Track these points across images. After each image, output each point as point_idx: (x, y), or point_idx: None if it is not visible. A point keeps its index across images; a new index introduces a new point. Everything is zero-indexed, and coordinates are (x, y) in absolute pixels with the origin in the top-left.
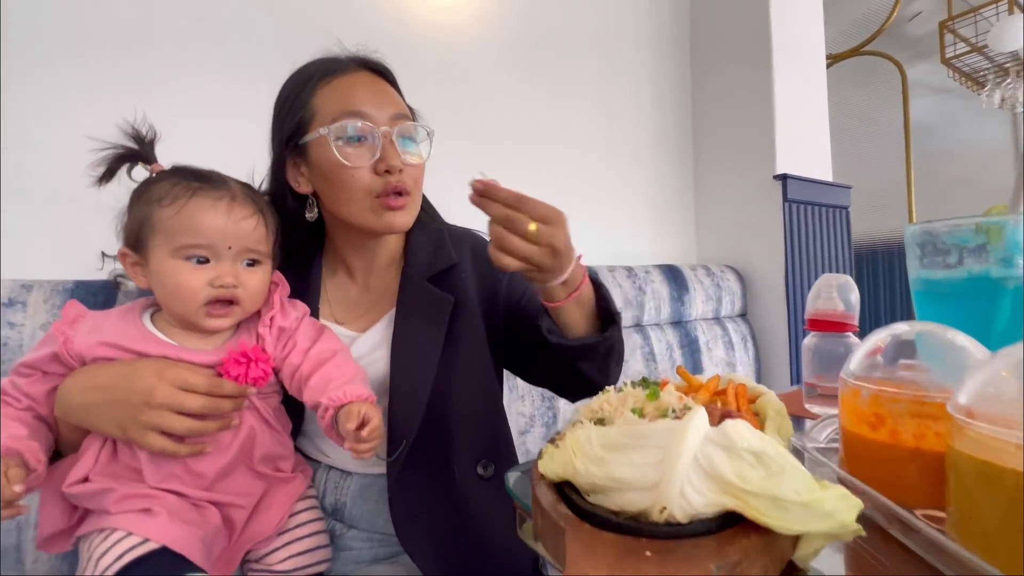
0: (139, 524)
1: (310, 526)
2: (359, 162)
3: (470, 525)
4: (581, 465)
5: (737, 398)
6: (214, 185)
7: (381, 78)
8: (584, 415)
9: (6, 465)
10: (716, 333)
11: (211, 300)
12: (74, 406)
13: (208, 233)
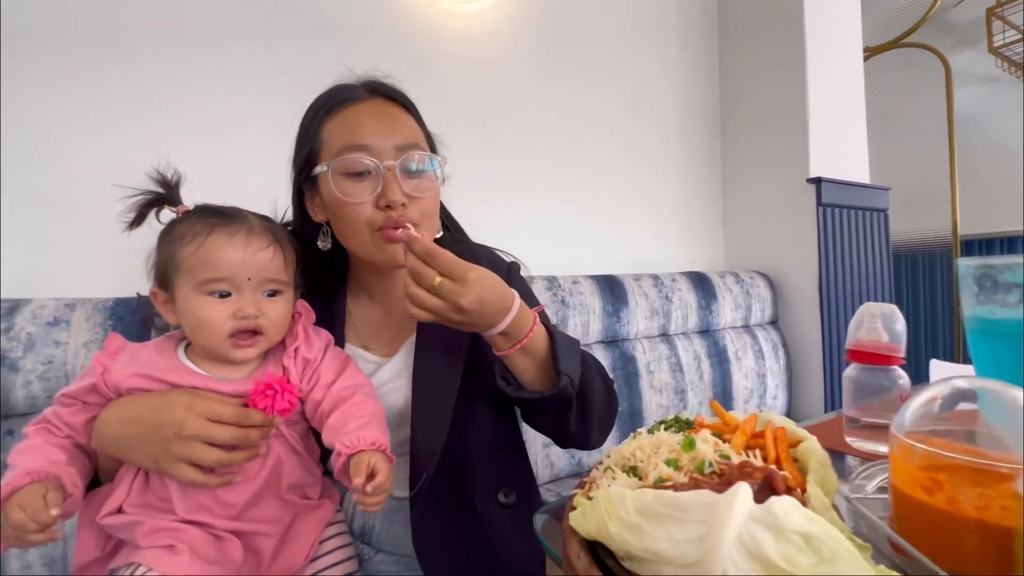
0: (163, 562)
1: (339, 552)
2: (360, 197)
3: (492, 553)
4: (616, 530)
5: (776, 444)
6: (231, 220)
7: (394, 104)
8: (614, 460)
9: (44, 488)
10: (745, 342)
11: (235, 332)
12: (109, 438)
13: (226, 267)
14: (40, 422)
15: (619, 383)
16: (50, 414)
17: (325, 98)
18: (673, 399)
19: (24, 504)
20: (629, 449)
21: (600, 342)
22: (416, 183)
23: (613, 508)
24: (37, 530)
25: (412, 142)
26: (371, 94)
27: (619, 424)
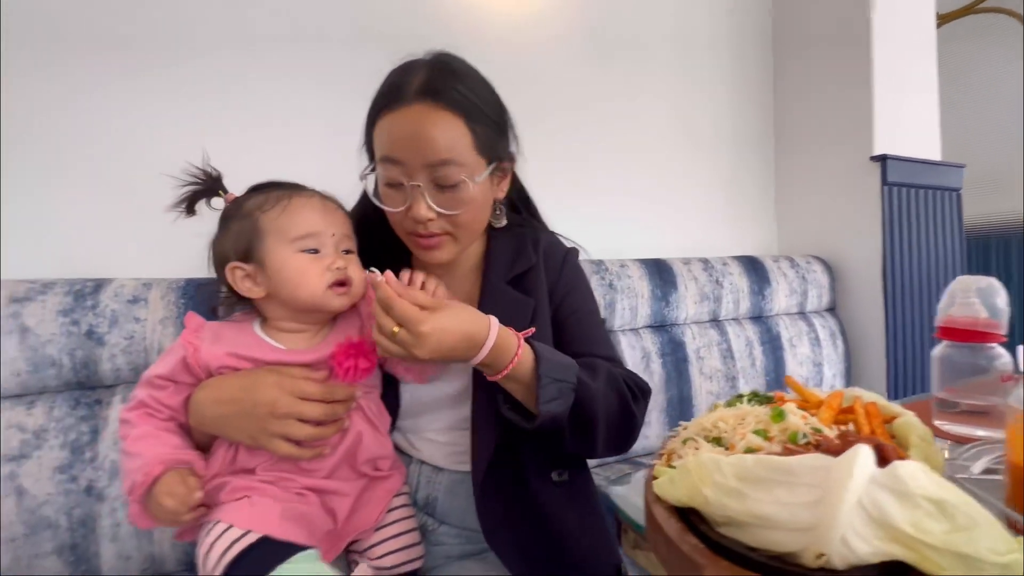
0: (240, 515)
1: (405, 523)
2: (394, 205)
3: (550, 529)
4: (712, 495)
5: (870, 418)
6: (301, 189)
7: (440, 109)
8: (694, 431)
9: (180, 475)
10: (801, 329)
11: (332, 283)
12: (208, 418)
13: (314, 224)
14: (138, 406)
15: (668, 368)
16: (147, 398)
17: (380, 94)
18: (724, 386)
19: (171, 493)
20: (710, 420)
21: (648, 327)
22: (448, 197)
23: (707, 474)
24: (187, 513)
25: (446, 158)
26: (419, 96)
27: (668, 410)
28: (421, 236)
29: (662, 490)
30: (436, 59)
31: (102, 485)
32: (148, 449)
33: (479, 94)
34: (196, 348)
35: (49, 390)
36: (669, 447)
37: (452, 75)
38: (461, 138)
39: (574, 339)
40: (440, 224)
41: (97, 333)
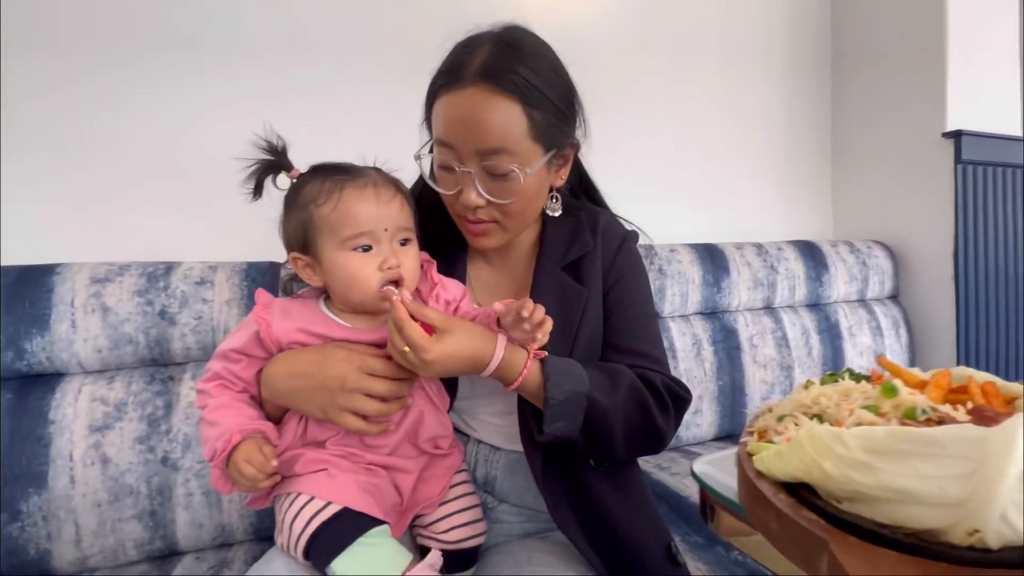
0: (321, 488)
1: (467, 499)
2: (447, 188)
3: (599, 510)
4: (834, 469)
5: (988, 399)
6: (355, 175)
7: (498, 93)
8: (791, 408)
9: (256, 444)
10: (861, 317)
11: (383, 283)
12: (280, 391)
13: (365, 220)
14: (213, 378)
15: (720, 356)
16: (222, 370)
17: (444, 68)
18: (778, 375)
19: (250, 460)
20: (809, 397)
21: (699, 313)
22: (499, 186)
23: (826, 447)
24: (264, 479)
25: (497, 147)
26: (477, 78)
27: (720, 399)
28: (470, 221)
29: (767, 465)
30: (501, 36)
31: (176, 456)
32: (226, 418)
33: (543, 76)
34: (268, 323)
35: (127, 366)
36: (760, 425)
37: (515, 55)
38: (516, 125)
39: (618, 331)
40: (489, 211)
41: (169, 313)
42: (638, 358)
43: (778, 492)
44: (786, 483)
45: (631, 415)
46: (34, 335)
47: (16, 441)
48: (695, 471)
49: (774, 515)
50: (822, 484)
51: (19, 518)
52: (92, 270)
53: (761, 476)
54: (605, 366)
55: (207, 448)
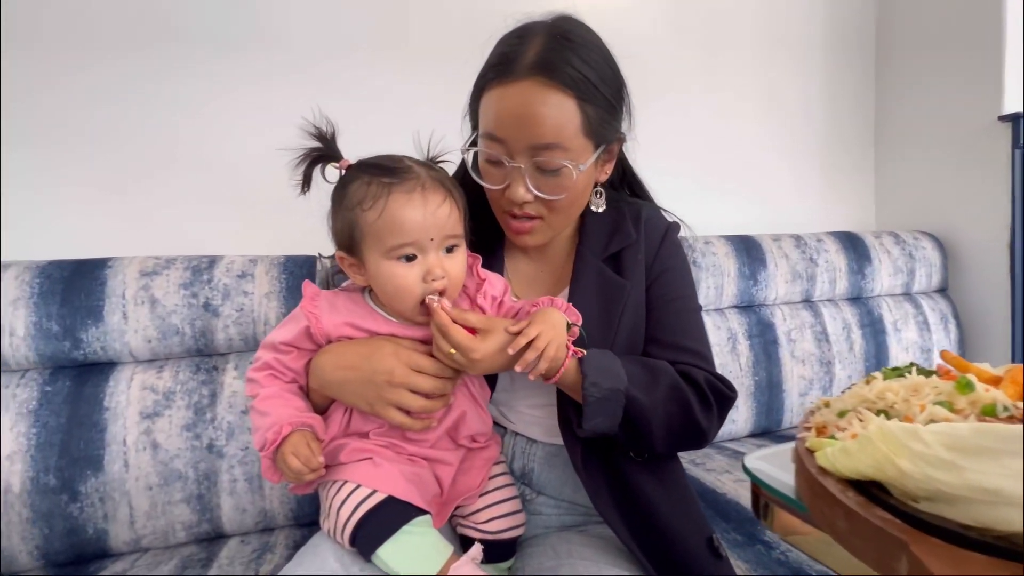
0: (367, 476)
1: (506, 490)
2: (493, 183)
3: (639, 502)
4: (911, 467)
5: None
6: (404, 177)
7: (552, 88)
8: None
9: (305, 437)
10: (907, 311)
11: (425, 294)
12: (328, 382)
13: (411, 230)
14: (264, 367)
15: (756, 351)
16: (272, 361)
17: (490, 63)
18: (818, 371)
19: (296, 453)
20: (873, 392)
21: (734, 307)
22: (549, 181)
23: (901, 444)
24: (309, 473)
25: (551, 142)
26: (531, 71)
27: (756, 395)
28: (515, 217)
29: (832, 461)
30: (554, 27)
31: (221, 444)
32: (276, 409)
33: (597, 69)
34: (317, 318)
35: (174, 356)
36: (819, 420)
37: (569, 47)
38: (570, 120)
39: (660, 325)
40: (536, 207)
41: (212, 305)
42: (681, 353)
43: (846, 490)
44: (852, 480)
45: (671, 412)
46: (89, 325)
47: (74, 426)
48: (748, 467)
49: (842, 514)
50: (897, 482)
51: (78, 499)
52: (141, 263)
53: (825, 473)
54: (646, 362)
55: (257, 437)
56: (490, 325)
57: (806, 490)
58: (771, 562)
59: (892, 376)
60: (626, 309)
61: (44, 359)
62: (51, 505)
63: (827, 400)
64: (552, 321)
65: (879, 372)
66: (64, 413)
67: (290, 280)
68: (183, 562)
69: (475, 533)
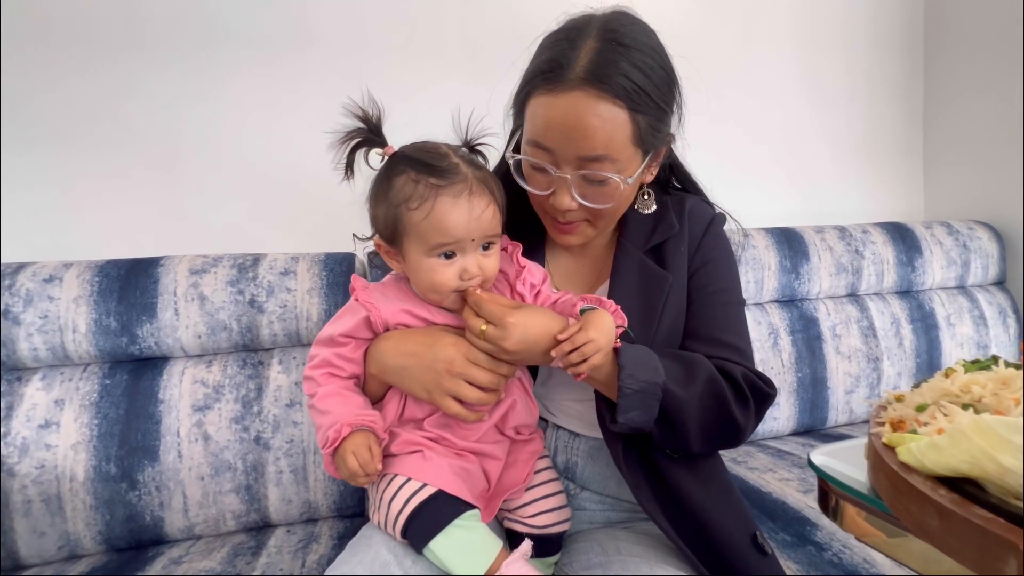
0: (417, 470)
1: (552, 485)
2: (538, 188)
3: (680, 499)
4: (1017, 463)
5: None
6: (452, 179)
7: (602, 98)
8: (932, 396)
9: (366, 439)
10: (961, 305)
11: (458, 290)
12: (389, 367)
13: (455, 231)
14: (321, 364)
15: (798, 347)
16: (331, 356)
17: (538, 67)
18: (865, 368)
19: (356, 453)
20: (956, 385)
21: (775, 301)
22: (595, 191)
23: (1001, 439)
24: (364, 476)
25: (600, 154)
26: (583, 82)
27: (799, 391)
28: (559, 221)
29: (918, 458)
30: (606, 28)
31: (267, 436)
32: (336, 407)
33: (651, 74)
34: (376, 308)
35: (222, 351)
36: (893, 415)
37: (622, 52)
38: (621, 131)
39: (700, 318)
40: (580, 213)
41: (257, 302)
42: (719, 348)
43: (937, 487)
44: (940, 477)
45: (707, 407)
46: (144, 322)
47: (132, 418)
48: (814, 463)
49: (934, 512)
50: (997, 479)
51: (137, 487)
52: (190, 262)
53: (909, 469)
54: (682, 356)
55: (320, 436)
56: (522, 304)
57: (888, 488)
58: (824, 563)
59: (973, 369)
60: (668, 301)
61: (104, 354)
62: (112, 493)
63: (899, 394)
64: (604, 328)
65: (958, 364)
66: (123, 405)
67: (330, 276)
68: (234, 550)
69: (522, 527)
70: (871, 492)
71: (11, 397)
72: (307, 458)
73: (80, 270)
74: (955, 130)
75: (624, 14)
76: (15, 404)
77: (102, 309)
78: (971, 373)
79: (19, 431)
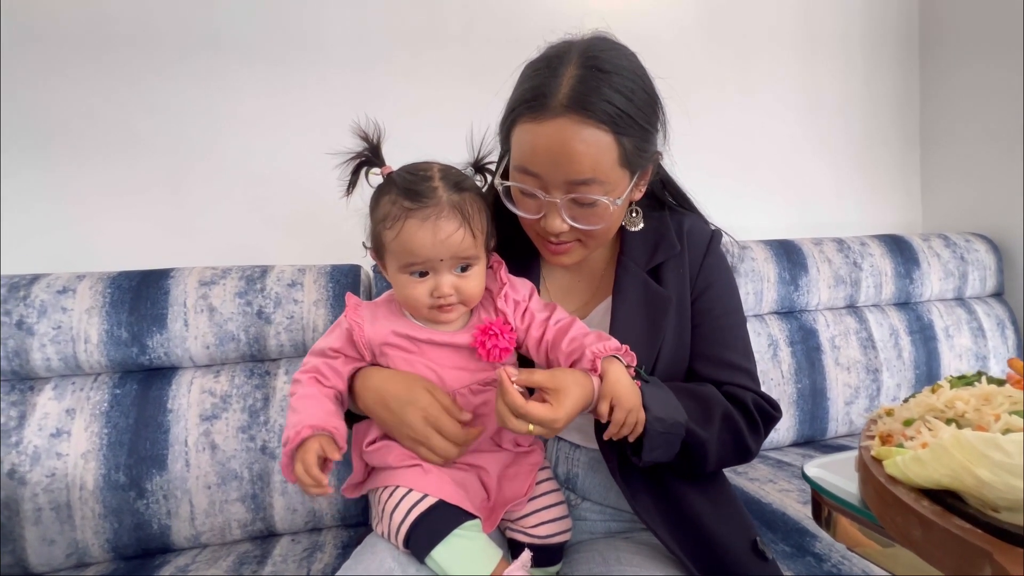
0: (417, 481)
1: (553, 495)
2: (527, 212)
3: (683, 509)
4: (993, 477)
5: None
6: (423, 204)
7: (587, 124)
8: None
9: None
10: (959, 317)
11: (432, 307)
12: (367, 404)
13: (421, 252)
14: (311, 371)
15: (798, 358)
16: (321, 365)
17: (522, 94)
18: (864, 379)
19: (303, 459)
20: (941, 400)
21: (775, 312)
22: (585, 212)
23: (979, 454)
24: (312, 486)
25: (587, 178)
26: (566, 109)
27: (799, 403)
28: (551, 243)
29: (903, 470)
30: (586, 56)
31: (273, 446)
32: (308, 408)
33: (631, 96)
34: (360, 327)
35: (230, 361)
36: (883, 429)
37: (603, 78)
38: (606, 154)
39: (708, 341)
40: (572, 234)
41: (265, 313)
42: (728, 370)
43: (920, 499)
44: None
45: (724, 442)
46: (154, 332)
47: (141, 427)
48: (808, 475)
49: (917, 523)
50: (975, 492)
51: (145, 496)
52: (200, 273)
53: (895, 482)
54: (696, 392)
55: (284, 434)
56: (557, 383)
57: (875, 499)
58: (823, 575)
59: (959, 385)
60: (669, 323)
61: (114, 364)
62: (120, 501)
63: (889, 408)
64: (627, 386)
65: (944, 380)
66: (132, 415)
67: (336, 288)
68: (240, 558)
69: (524, 537)
70: (861, 503)
71: (23, 406)
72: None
73: (93, 281)
74: (952, 143)
75: (603, 39)
76: (27, 413)
77: (113, 320)
78: (956, 389)
79: (31, 440)
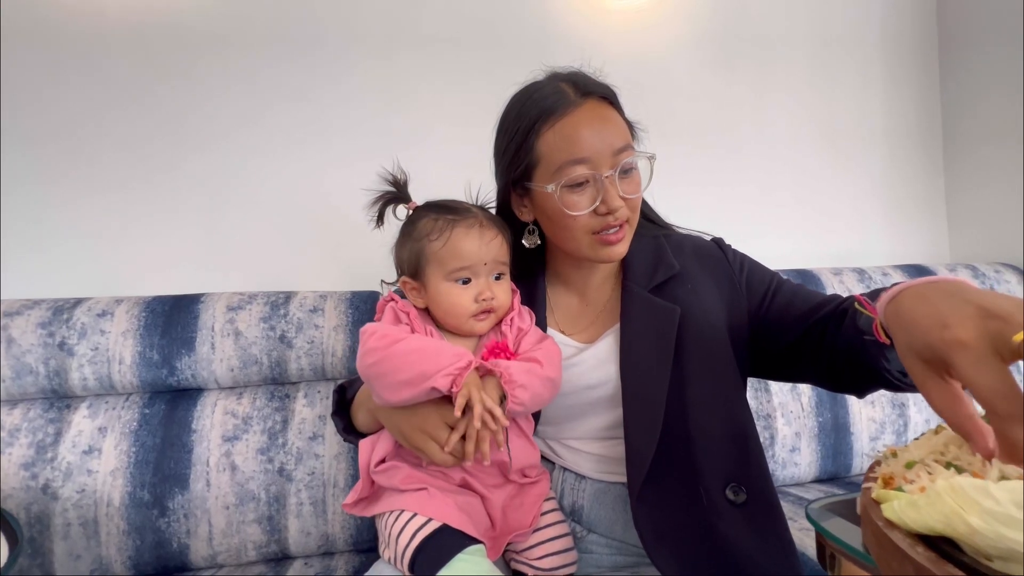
0: (422, 505)
1: (559, 527)
2: (581, 208)
3: (723, 551)
4: (981, 524)
5: None
6: (464, 215)
7: (605, 103)
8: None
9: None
10: None
11: (477, 312)
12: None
13: (470, 256)
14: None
15: (819, 391)
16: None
17: (537, 108)
18: (890, 413)
19: (491, 393)
20: (938, 444)
21: None
22: (629, 182)
23: (971, 500)
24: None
25: (625, 143)
26: (584, 97)
27: (820, 437)
28: (609, 229)
29: (899, 515)
30: (567, 71)
31: (291, 468)
32: (445, 345)
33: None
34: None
35: (252, 384)
36: (885, 471)
37: (591, 79)
38: (624, 126)
39: (792, 305)
40: (624, 212)
41: (287, 337)
42: (825, 304)
43: (915, 545)
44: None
45: None
46: (183, 355)
47: (167, 446)
48: (811, 516)
49: (912, 569)
50: (967, 539)
51: (167, 514)
52: (228, 299)
53: (892, 526)
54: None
55: (417, 367)
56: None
57: (873, 543)
58: None
59: None
60: (687, 336)
61: (145, 385)
62: (143, 519)
63: (895, 449)
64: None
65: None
66: (159, 434)
67: (355, 314)
68: None
69: (528, 569)
70: (864, 546)
71: (60, 424)
72: (326, 491)
73: (130, 306)
74: (977, 170)
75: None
76: (63, 431)
77: (146, 342)
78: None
79: (64, 456)
